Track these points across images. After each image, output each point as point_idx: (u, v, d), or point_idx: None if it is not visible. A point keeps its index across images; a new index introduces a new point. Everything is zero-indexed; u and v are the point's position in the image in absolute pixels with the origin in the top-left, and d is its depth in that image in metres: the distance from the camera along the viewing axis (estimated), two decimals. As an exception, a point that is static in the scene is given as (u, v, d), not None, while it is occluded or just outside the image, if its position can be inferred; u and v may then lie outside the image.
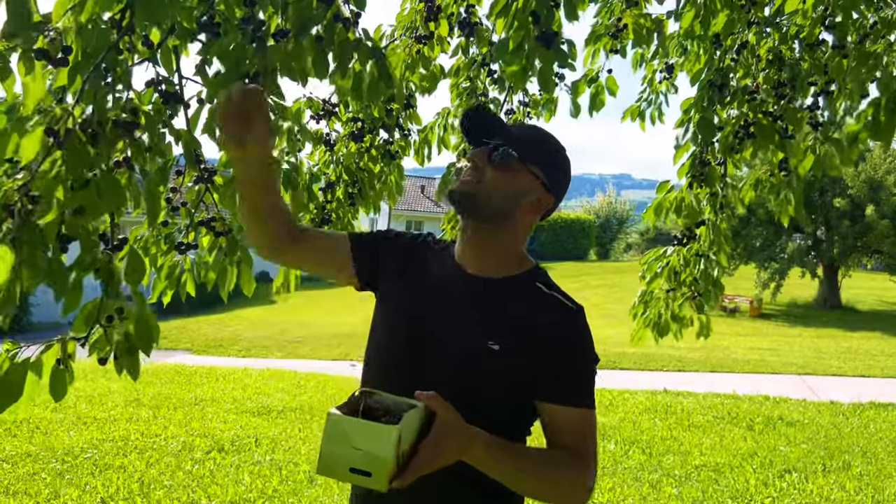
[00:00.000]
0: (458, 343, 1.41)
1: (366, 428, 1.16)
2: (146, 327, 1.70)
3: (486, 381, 1.40)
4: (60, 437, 6.08)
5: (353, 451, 1.15)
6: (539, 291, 1.47)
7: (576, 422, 1.41)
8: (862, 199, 19.70)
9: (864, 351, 13.50)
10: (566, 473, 1.37)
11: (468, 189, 1.44)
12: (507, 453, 1.32)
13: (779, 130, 2.84)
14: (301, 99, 2.89)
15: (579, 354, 1.45)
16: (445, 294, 1.48)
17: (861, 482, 5.38)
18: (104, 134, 1.45)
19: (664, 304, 3.18)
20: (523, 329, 1.40)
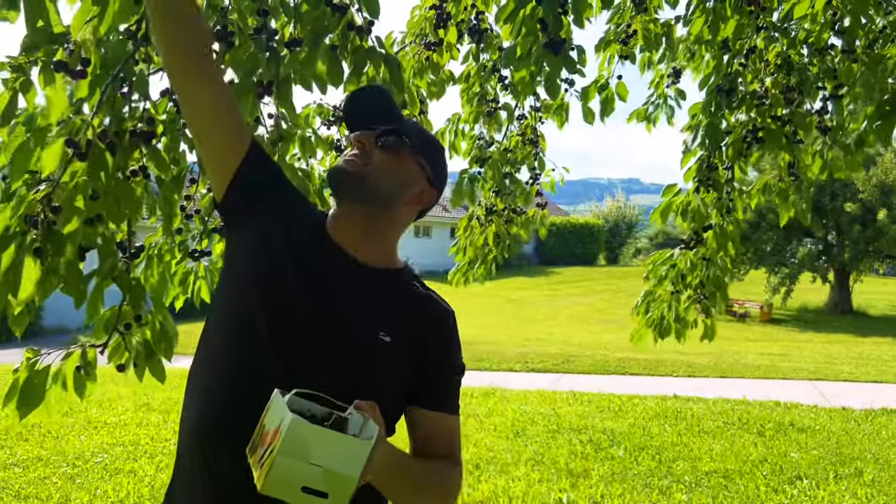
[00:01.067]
0: (352, 333, 1.29)
1: (335, 441, 0.99)
2: (166, 333, 1.72)
3: (378, 375, 1.30)
4: (71, 441, 6.12)
5: (310, 467, 0.96)
6: (417, 288, 1.41)
7: (450, 428, 1.38)
8: (873, 204, 19.60)
9: (877, 356, 13.40)
10: (452, 481, 1.35)
11: (356, 169, 1.33)
12: (411, 467, 1.28)
13: (787, 135, 2.84)
14: (311, 105, 2.92)
15: (455, 358, 1.41)
16: (334, 279, 1.34)
17: (873, 489, 5.34)
18: (122, 144, 1.47)
19: (667, 305, 3.18)
20: (410, 323, 1.34)
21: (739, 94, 2.86)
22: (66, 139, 1.38)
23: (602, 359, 12.35)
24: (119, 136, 1.47)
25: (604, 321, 19.41)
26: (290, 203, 1.43)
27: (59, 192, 1.38)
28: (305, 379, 1.17)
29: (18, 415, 1.62)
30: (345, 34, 1.65)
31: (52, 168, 1.37)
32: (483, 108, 3.22)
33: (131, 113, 1.53)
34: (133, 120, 1.52)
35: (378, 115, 1.38)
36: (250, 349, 1.28)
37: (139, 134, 1.52)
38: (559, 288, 28.44)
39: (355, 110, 1.41)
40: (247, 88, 1.61)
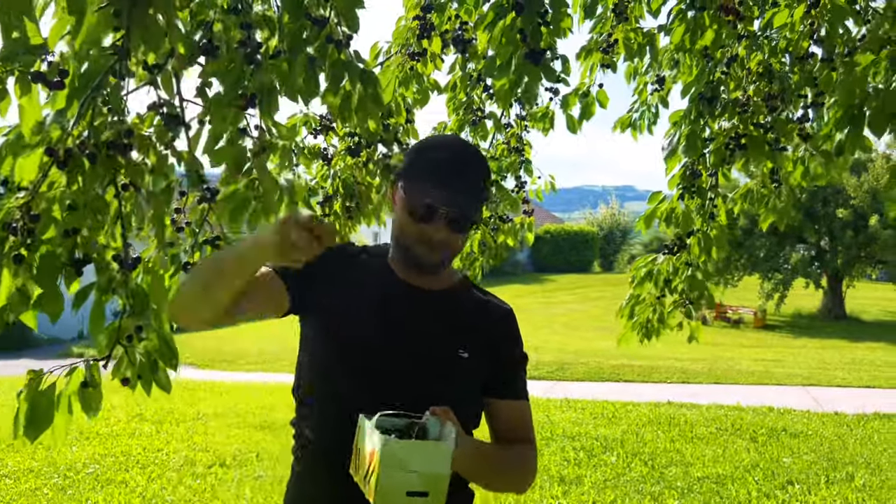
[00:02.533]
0: (431, 355, 1.46)
1: (421, 448, 1.17)
2: (168, 344, 1.73)
3: (459, 387, 1.47)
4: (63, 452, 6.10)
5: (409, 475, 1.14)
6: (478, 297, 1.59)
7: (524, 414, 1.57)
8: (865, 210, 19.70)
9: (869, 361, 13.44)
10: (530, 464, 1.54)
11: (442, 263, 1.49)
12: (489, 456, 1.45)
13: (769, 142, 2.88)
14: (297, 115, 2.94)
15: (518, 351, 1.59)
16: (410, 309, 1.50)
17: (864, 493, 5.36)
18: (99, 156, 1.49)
19: (652, 309, 3.20)
20: (480, 336, 1.51)
21: (722, 101, 2.90)
22: (46, 148, 1.40)
23: (597, 366, 12.36)
24: (97, 148, 1.49)
25: (599, 328, 19.42)
26: (338, 275, 1.53)
27: (38, 202, 1.39)
28: (408, 405, 1.31)
29: (28, 439, 1.64)
30: (323, 47, 1.67)
31: (29, 176, 1.39)
32: (469, 116, 3.25)
33: (111, 126, 1.54)
34: (111, 132, 1.54)
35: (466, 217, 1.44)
36: (352, 387, 1.43)
37: (116, 146, 1.54)
38: (554, 295, 28.47)
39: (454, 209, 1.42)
40: (230, 100, 1.63)
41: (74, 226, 1.47)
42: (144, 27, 1.44)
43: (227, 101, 1.67)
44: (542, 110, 3.35)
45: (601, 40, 2.96)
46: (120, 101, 1.56)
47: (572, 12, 2.32)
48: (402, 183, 1.47)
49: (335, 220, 3.12)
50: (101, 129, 1.52)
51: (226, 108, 1.66)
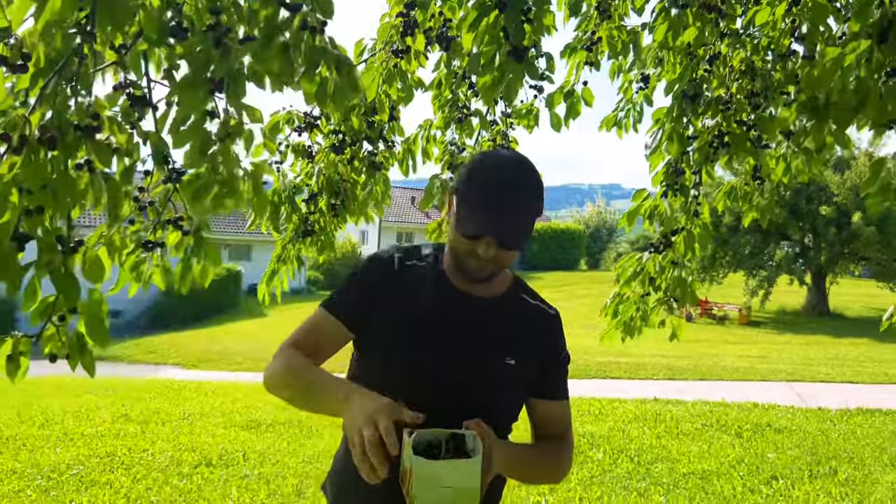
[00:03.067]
0: (480, 363, 1.54)
1: (453, 466, 1.24)
2: (98, 323, 1.72)
3: (507, 393, 1.58)
4: (46, 453, 6.05)
5: (442, 490, 1.22)
6: (527, 303, 1.66)
7: (564, 412, 1.66)
8: (848, 207, 19.89)
9: (853, 357, 13.59)
10: (564, 459, 1.65)
11: (493, 274, 1.54)
12: (525, 457, 1.59)
13: (752, 139, 2.90)
14: (280, 112, 2.93)
15: (562, 354, 1.67)
16: (464, 318, 1.57)
17: (847, 488, 5.41)
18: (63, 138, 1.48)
19: (636, 307, 3.22)
20: (526, 341, 1.60)
21: (705, 99, 2.91)
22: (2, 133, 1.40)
23: (584, 363, 12.41)
24: (61, 130, 1.48)
25: (585, 326, 19.48)
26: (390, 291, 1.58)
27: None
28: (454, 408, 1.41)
29: None
30: (298, 33, 1.67)
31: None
32: (454, 114, 3.25)
33: (77, 107, 1.54)
34: (77, 114, 1.53)
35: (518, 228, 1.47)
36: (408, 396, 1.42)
37: (83, 128, 1.53)
38: (541, 293, 28.46)
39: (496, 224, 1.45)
40: (198, 83, 1.62)
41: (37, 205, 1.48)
42: (112, 7, 1.43)
43: (194, 83, 1.66)
44: (526, 107, 3.36)
45: (585, 38, 2.97)
46: (88, 81, 1.55)
47: (557, 10, 2.33)
48: (456, 198, 1.49)
49: (320, 217, 3.12)
50: (65, 111, 1.51)
51: (194, 91, 1.66)
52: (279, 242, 3.26)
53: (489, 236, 1.44)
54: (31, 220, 1.52)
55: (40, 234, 1.58)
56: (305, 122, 2.97)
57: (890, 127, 2.23)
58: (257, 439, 6.73)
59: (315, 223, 3.14)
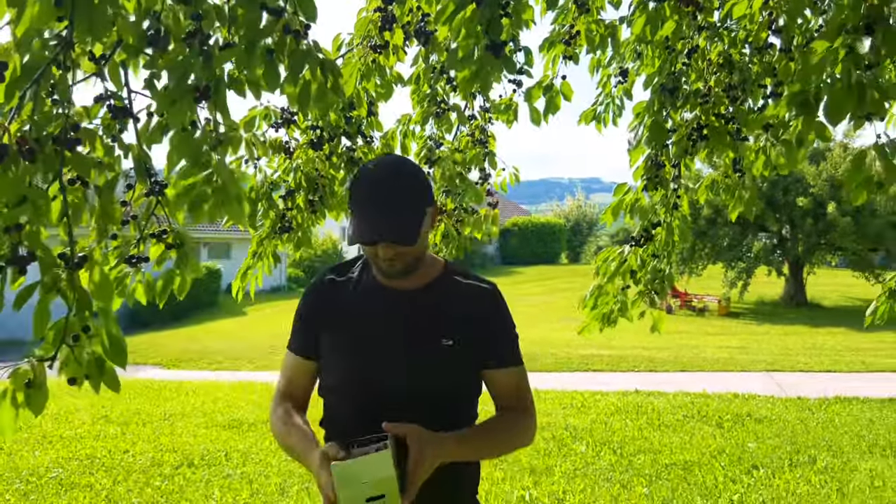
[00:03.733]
0: (416, 350, 1.63)
1: (366, 461, 1.35)
2: (116, 343, 1.69)
3: (450, 373, 1.63)
4: (25, 457, 5.97)
5: (362, 486, 1.33)
6: (459, 283, 1.72)
7: (514, 380, 1.71)
8: (824, 198, 20.10)
9: (830, 346, 13.76)
10: (520, 428, 1.69)
11: (402, 274, 1.63)
12: (474, 439, 1.61)
13: (731, 132, 2.91)
14: (258, 108, 2.89)
15: (503, 324, 1.72)
16: (395, 314, 1.67)
17: (826, 475, 5.48)
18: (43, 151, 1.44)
19: (615, 300, 3.22)
20: (462, 319, 1.65)
21: (683, 92, 2.92)
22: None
23: (565, 356, 12.46)
24: (40, 142, 1.44)
25: (567, 319, 19.57)
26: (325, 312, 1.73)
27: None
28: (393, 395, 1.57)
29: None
30: (281, 38, 1.65)
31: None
32: (433, 108, 3.23)
33: (56, 119, 1.50)
34: (56, 126, 1.50)
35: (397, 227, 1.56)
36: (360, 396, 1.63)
37: (63, 141, 1.49)
38: (522, 287, 28.62)
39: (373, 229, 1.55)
40: (181, 92, 1.59)
41: (17, 222, 1.42)
42: (90, 16, 1.40)
43: (178, 93, 1.63)
44: (505, 102, 3.35)
45: (563, 32, 2.96)
46: (66, 92, 1.51)
47: (534, 3, 2.31)
48: (349, 210, 1.64)
49: (297, 213, 3.09)
50: (44, 123, 1.47)
51: (178, 102, 1.62)
52: (255, 238, 3.23)
53: (377, 238, 1.55)
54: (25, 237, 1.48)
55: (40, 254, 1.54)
56: (282, 118, 2.94)
57: (868, 119, 2.24)
58: (239, 439, 6.68)
59: (292, 220, 3.11)
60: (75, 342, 1.70)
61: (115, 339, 1.77)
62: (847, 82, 1.99)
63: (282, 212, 3.08)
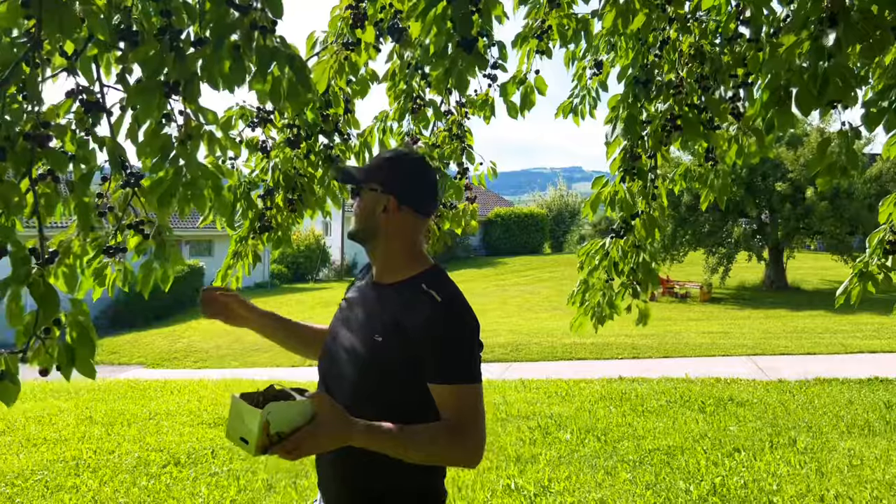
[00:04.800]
0: (359, 338, 1.79)
1: (246, 410, 1.55)
2: (84, 332, 1.70)
3: (377, 368, 1.74)
4: (9, 460, 5.94)
5: (242, 424, 1.55)
6: (419, 291, 1.75)
7: (451, 397, 1.69)
8: (802, 183, 20.32)
9: (810, 329, 13.95)
10: (441, 442, 1.66)
11: (352, 229, 1.86)
12: (387, 434, 1.62)
13: (704, 122, 2.95)
14: (233, 107, 2.90)
15: (447, 340, 1.70)
16: (358, 302, 1.89)
17: (806, 456, 5.58)
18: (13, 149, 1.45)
19: (602, 293, 3.26)
20: (404, 323, 1.71)
21: (657, 84, 2.96)
22: None
23: (550, 346, 12.54)
24: (11, 140, 1.45)
25: (551, 308, 19.69)
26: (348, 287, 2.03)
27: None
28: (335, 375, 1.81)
29: None
30: (248, 33, 1.66)
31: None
32: (409, 105, 3.24)
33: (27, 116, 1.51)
34: (27, 123, 1.51)
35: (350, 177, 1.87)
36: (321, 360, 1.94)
37: (34, 137, 1.50)
38: (506, 278, 28.72)
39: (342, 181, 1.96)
40: (153, 87, 1.60)
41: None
42: (59, 15, 1.41)
43: (150, 87, 1.64)
44: (481, 97, 3.37)
45: (535, 27, 2.98)
46: (36, 90, 1.52)
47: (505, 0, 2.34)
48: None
49: (277, 212, 3.10)
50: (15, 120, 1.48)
51: (150, 95, 1.64)
52: (234, 238, 3.24)
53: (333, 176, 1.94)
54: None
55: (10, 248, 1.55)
56: (258, 117, 2.94)
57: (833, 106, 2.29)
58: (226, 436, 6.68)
59: (272, 219, 3.12)
60: (46, 335, 1.72)
61: (84, 329, 1.78)
62: (813, 73, 2.03)
63: (261, 211, 3.09)
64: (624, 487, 4.93)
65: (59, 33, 1.50)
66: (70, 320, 1.74)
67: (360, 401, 1.70)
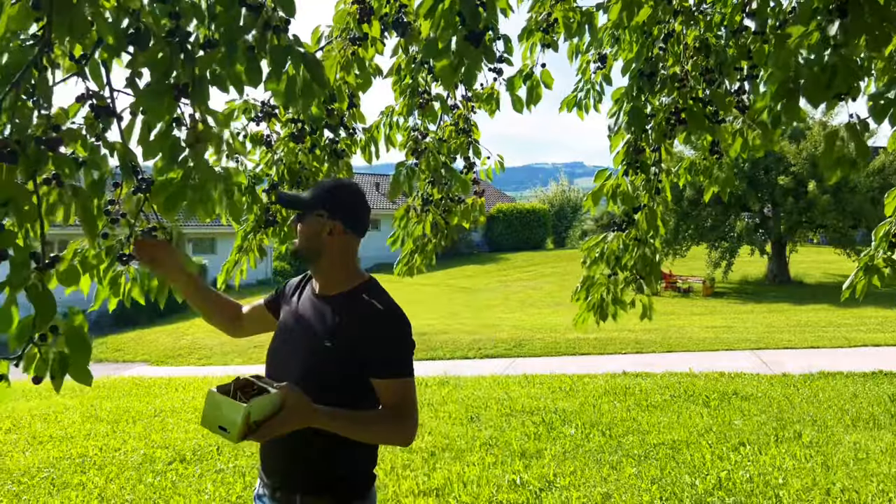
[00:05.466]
0: (307, 344, 2.03)
1: (228, 402, 1.70)
2: (80, 341, 1.69)
3: (327, 369, 1.98)
4: (15, 458, 5.96)
5: (220, 415, 1.71)
6: (361, 300, 2.03)
7: (390, 389, 1.96)
8: (805, 176, 20.28)
9: (814, 323, 13.93)
10: (386, 425, 1.96)
11: (296, 249, 2.10)
12: (344, 419, 1.89)
13: (708, 115, 2.94)
14: (237, 102, 2.89)
15: (389, 340, 1.99)
16: (303, 312, 2.12)
17: (811, 449, 5.58)
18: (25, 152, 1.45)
19: (605, 288, 3.26)
20: (349, 329, 1.97)
21: (661, 77, 2.95)
22: None
23: (553, 341, 12.55)
24: (22, 144, 1.45)
25: (554, 304, 19.69)
26: (287, 291, 2.28)
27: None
28: (285, 375, 1.94)
29: None
30: (261, 34, 1.66)
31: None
32: (416, 99, 3.24)
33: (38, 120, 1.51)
34: (38, 126, 1.50)
35: (293, 203, 2.12)
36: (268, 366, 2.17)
37: (45, 141, 1.50)
38: (509, 273, 28.72)
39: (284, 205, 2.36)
40: (162, 90, 1.60)
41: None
42: (69, 17, 1.41)
43: (159, 91, 1.64)
44: (487, 91, 3.36)
45: (541, 20, 2.98)
46: (47, 93, 1.52)
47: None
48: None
49: (281, 207, 3.09)
50: (25, 124, 1.48)
51: (159, 99, 1.63)
52: (240, 233, 3.25)
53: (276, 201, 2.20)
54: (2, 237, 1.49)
55: (12, 252, 1.55)
56: (263, 112, 2.94)
57: (840, 98, 2.28)
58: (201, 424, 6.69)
59: (277, 213, 3.12)
60: (42, 341, 1.71)
61: (79, 336, 1.76)
62: (822, 64, 2.03)
63: (265, 206, 3.09)
64: (629, 482, 4.94)
65: (69, 36, 1.49)
66: (66, 328, 1.72)
67: (312, 391, 1.90)
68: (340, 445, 1.97)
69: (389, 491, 4.86)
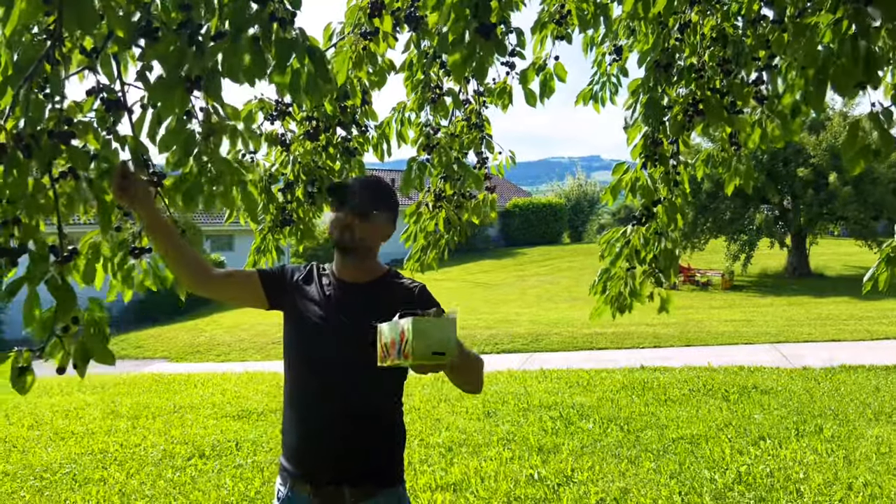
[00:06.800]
0: (354, 328, 2.04)
1: (438, 322, 1.63)
2: (99, 333, 1.71)
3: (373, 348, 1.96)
4: (38, 453, 6.03)
5: (431, 340, 1.61)
6: (395, 283, 2.20)
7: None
8: (825, 168, 20.01)
9: (835, 316, 13.77)
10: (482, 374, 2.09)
11: (350, 243, 2.14)
12: (475, 357, 1.99)
13: (726, 106, 2.90)
14: (252, 101, 2.89)
15: (429, 304, 2.07)
16: (339, 298, 2.17)
17: (833, 444, 5.52)
18: (38, 146, 1.45)
19: (624, 282, 3.23)
20: (391, 308, 1.90)
21: (678, 68, 2.91)
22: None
23: (570, 335, 12.50)
24: (35, 137, 1.46)
25: (571, 298, 19.60)
26: (296, 279, 2.26)
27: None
28: (337, 358, 2.08)
29: None
30: (267, 26, 1.66)
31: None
32: (427, 94, 3.22)
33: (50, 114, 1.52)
34: (51, 121, 1.51)
35: (348, 195, 2.14)
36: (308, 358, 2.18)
37: (58, 135, 1.51)
38: (526, 268, 28.63)
39: (333, 195, 2.19)
40: (174, 83, 1.60)
41: (14, 215, 1.46)
42: (78, 10, 1.41)
43: (170, 83, 1.65)
44: (499, 85, 3.34)
45: (554, 12, 2.95)
46: (59, 87, 1.52)
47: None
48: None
49: (298, 206, 3.09)
50: (38, 118, 1.49)
51: (170, 92, 1.63)
52: (258, 234, 3.25)
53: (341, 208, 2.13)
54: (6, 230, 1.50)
55: (32, 247, 1.57)
56: (277, 110, 2.94)
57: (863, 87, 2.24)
58: (249, 428, 6.74)
59: (293, 212, 3.12)
60: (64, 333, 1.73)
61: (101, 330, 1.79)
62: (851, 53, 1.98)
63: (282, 205, 3.09)
64: (648, 477, 4.91)
65: (80, 29, 1.50)
66: (88, 319, 1.75)
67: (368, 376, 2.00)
68: (387, 438, 2.16)
69: (407, 486, 4.86)
